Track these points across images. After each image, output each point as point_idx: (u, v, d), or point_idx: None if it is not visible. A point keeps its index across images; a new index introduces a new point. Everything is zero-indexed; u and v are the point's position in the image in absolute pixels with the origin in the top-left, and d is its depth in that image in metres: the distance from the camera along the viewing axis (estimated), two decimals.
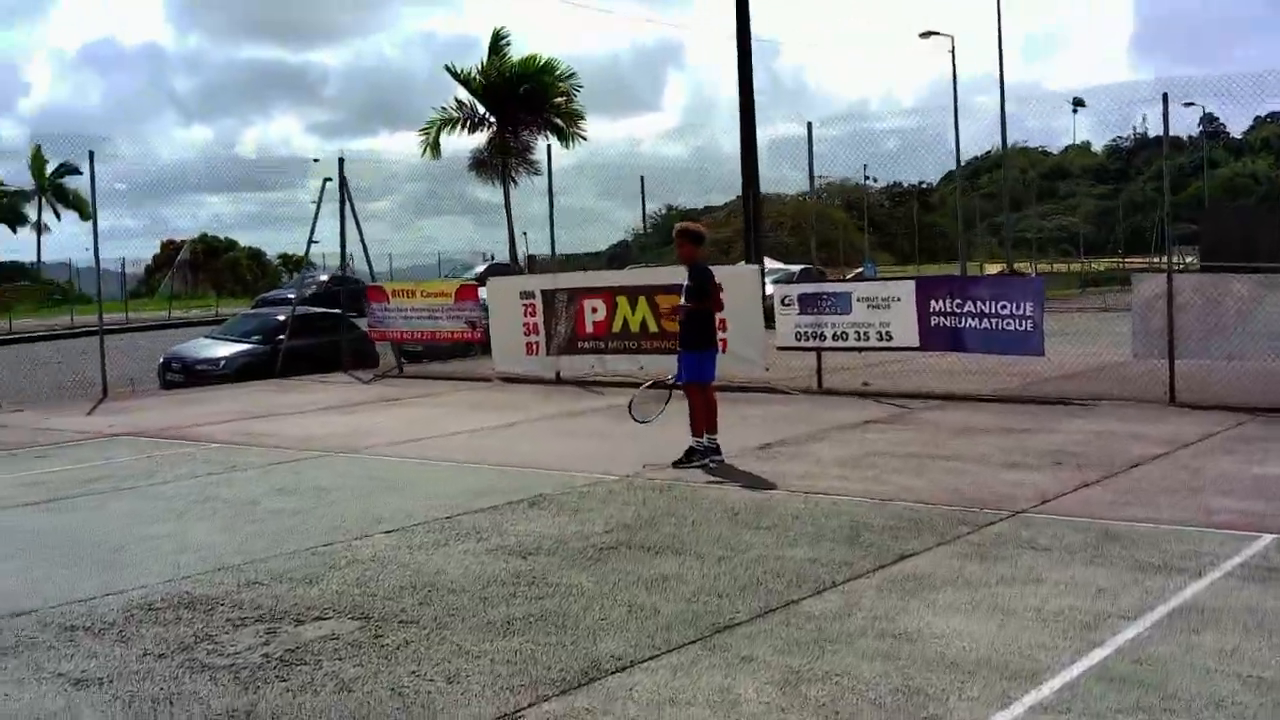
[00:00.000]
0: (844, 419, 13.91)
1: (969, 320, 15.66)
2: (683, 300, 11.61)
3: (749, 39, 30.86)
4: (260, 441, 13.43)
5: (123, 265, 49.37)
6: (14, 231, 73.40)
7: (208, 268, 75.41)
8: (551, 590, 7.10)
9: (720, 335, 17.23)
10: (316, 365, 22.33)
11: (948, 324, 15.84)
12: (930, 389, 16.17)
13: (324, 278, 45.00)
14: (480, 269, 39.11)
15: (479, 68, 34.46)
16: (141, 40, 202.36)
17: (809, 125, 17.41)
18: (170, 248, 77.91)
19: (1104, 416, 13.56)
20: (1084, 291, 42.68)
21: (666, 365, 17.94)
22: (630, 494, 9.93)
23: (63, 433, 14.71)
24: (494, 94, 34.18)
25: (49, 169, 70.98)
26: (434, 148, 34.57)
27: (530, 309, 19.11)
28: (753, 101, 31.35)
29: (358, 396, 18.10)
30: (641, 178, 23.79)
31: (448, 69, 34.15)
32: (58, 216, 73.84)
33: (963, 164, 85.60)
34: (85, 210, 70.88)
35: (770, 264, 53.00)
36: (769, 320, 17.51)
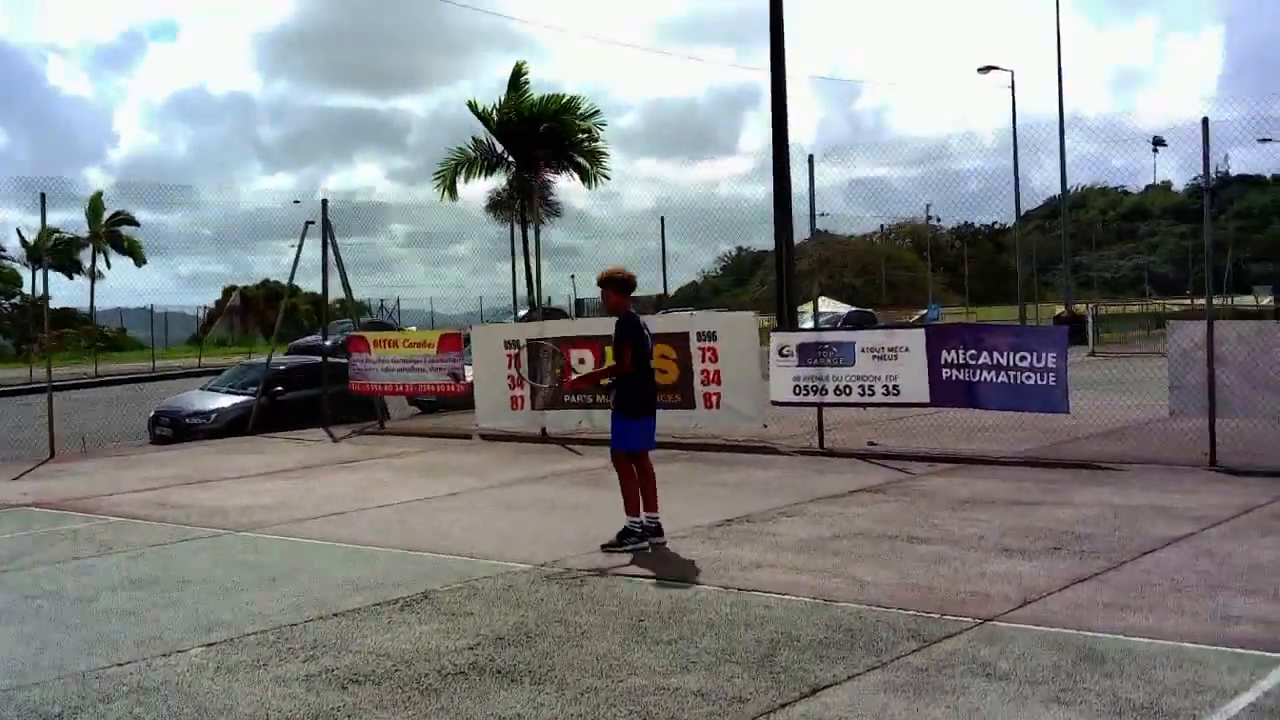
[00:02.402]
0: (831, 487, 12.21)
1: (984, 373, 13.91)
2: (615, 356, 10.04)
3: (783, 75, 29.43)
4: (166, 516, 11.99)
5: (150, 312, 48.55)
6: (70, 278, 73.20)
7: (266, 314, 75.03)
8: None
9: (714, 388, 15.83)
10: (308, 419, 21.02)
11: (962, 377, 14.10)
12: (943, 449, 14.44)
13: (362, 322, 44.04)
14: (522, 313, 37.74)
15: (497, 105, 33.18)
16: (230, 89, 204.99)
17: (810, 159, 15.79)
18: (230, 295, 77.76)
19: (1129, 484, 11.75)
20: (1149, 334, 40.42)
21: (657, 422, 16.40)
22: (531, 590, 8.33)
23: None
24: (513, 132, 32.79)
25: (104, 217, 70.76)
26: (450, 189, 33.23)
27: (514, 360, 17.61)
28: (786, 136, 29.86)
29: (317, 457, 16.65)
30: (661, 218, 21.94)
31: (470, 105, 32.90)
32: (108, 264, 73.57)
33: (1041, 203, 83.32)
34: (140, 257, 71.00)
35: (820, 306, 51.39)
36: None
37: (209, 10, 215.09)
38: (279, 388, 22.18)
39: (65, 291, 75.58)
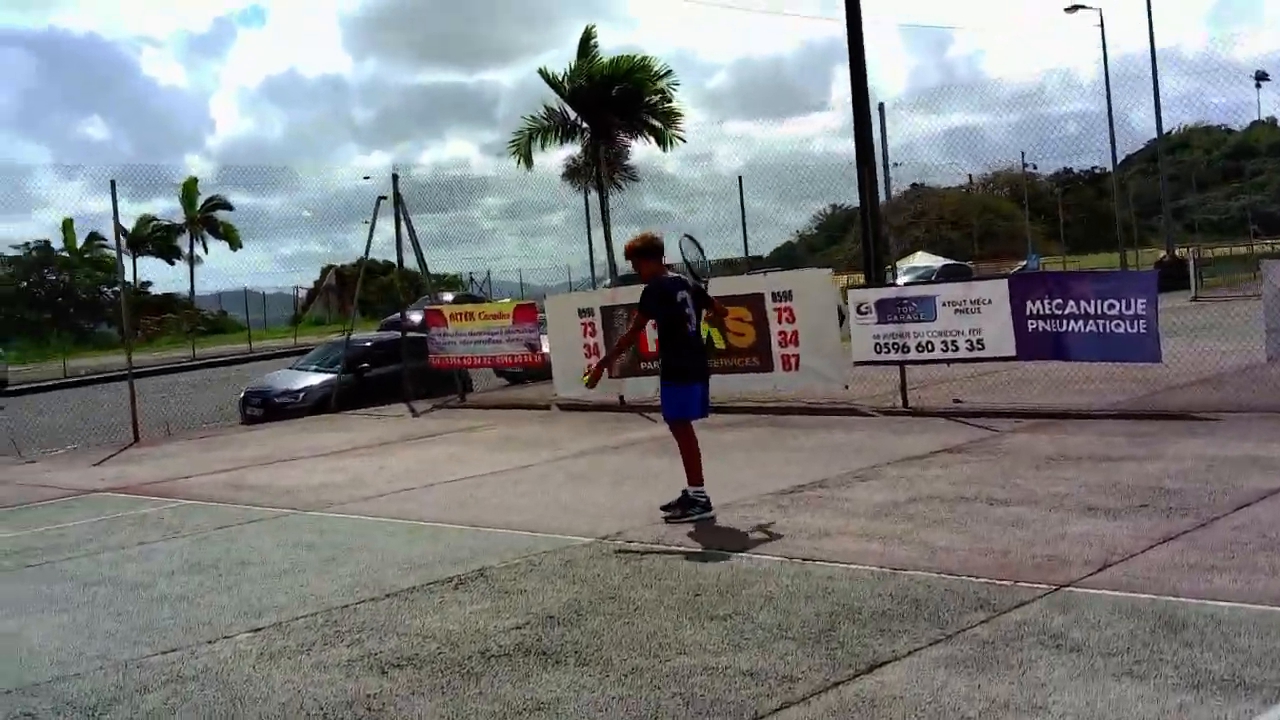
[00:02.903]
0: (911, 448, 11.81)
1: (1072, 323, 13.36)
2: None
3: (859, 20, 28.63)
4: (238, 497, 11.98)
5: (245, 294, 49.20)
6: (170, 264, 74.61)
7: (362, 291, 75.68)
8: None
9: (792, 350, 15.46)
10: (394, 394, 21.01)
11: (1048, 328, 13.57)
12: (1030, 404, 13.93)
13: (448, 298, 44.06)
14: (607, 282, 37.52)
15: (568, 71, 32.86)
16: (321, 71, 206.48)
17: (880, 109, 15.36)
18: (327, 274, 78.63)
19: (1225, 435, 11.19)
20: (1255, 276, 39.04)
21: (735, 387, 16.12)
22: (589, 565, 8.09)
23: (46, 490, 13.56)
24: (585, 98, 32.45)
25: (199, 202, 71.90)
26: (526, 159, 33.01)
27: (589, 328, 17.38)
28: (865, 86, 29.07)
29: (395, 433, 16.59)
30: (739, 178, 21.69)
31: (540, 72, 32.67)
32: (205, 249, 74.84)
33: (1142, 146, 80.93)
34: (235, 240, 72.11)
35: (916, 261, 50.46)
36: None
37: None
38: (365, 364, 22.23)
39: (165, 277, 76.99)
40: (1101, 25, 46.74)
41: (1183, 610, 6.17)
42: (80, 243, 69.34)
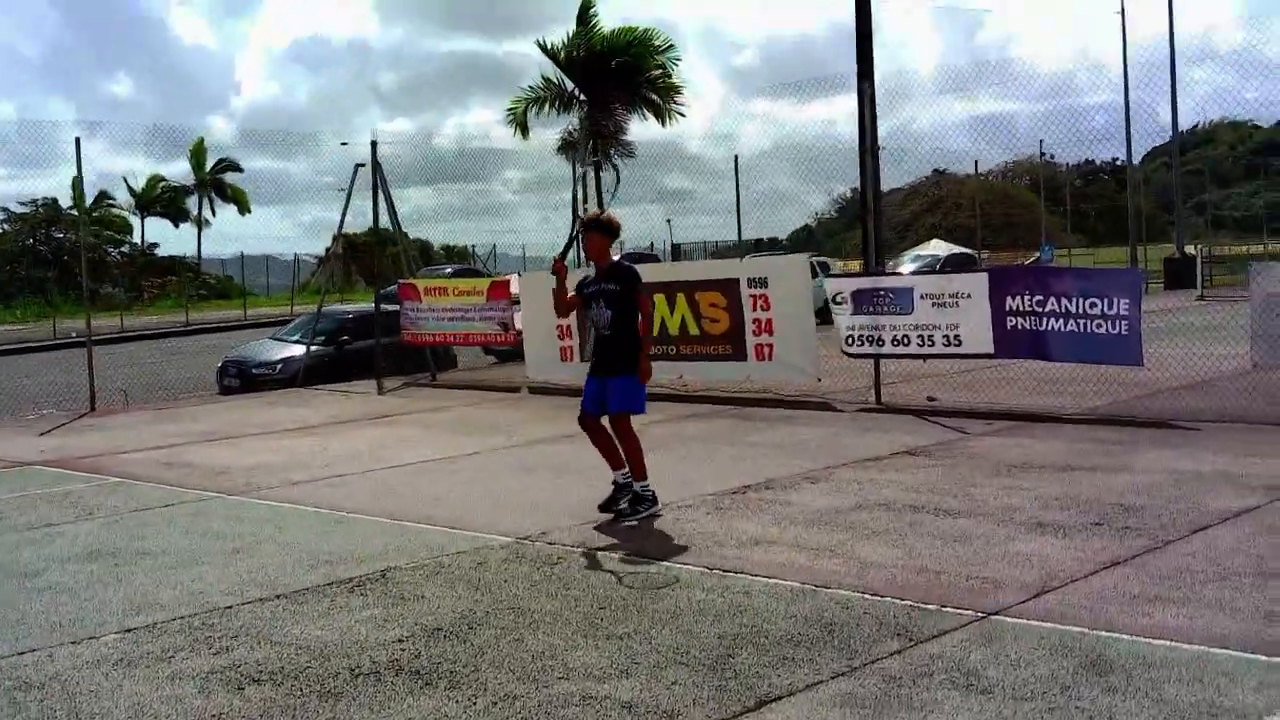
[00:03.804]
0: (874, 448, 11.29)
1: (1052, 321, 12.82)
2: (595, 307, 9.14)
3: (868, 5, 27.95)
4: (165, 477, 11.51)
5: (242, 260, 48.72)
6: (176, 226, 74.08)
7: (370, 261, 75.07)
8: None
9: (766, 339, 14.93)
10: (367, 370, 20.51)
11: (1028, 326, 13.03)
12: (1006, 405, 13.41)
13: (449, 270, 43.55)
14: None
15: (564, 41, 32.24)
16: (348, 35, 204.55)
17: (868, 92, 14.72)
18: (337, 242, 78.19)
19: (1201, 446, 10.65)
20: None
21: (708, 375, 15.64)
22: (501, 569, 7.60)
23: None
24: (583, 69, 31.80)
25: (208, 165, 71.36)
26: (522, 128, 32.43)
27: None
28: (870, 50, 28.41)
29: (354, 411, 16.11)
30: (735, 156, 21.20)
31: (537, 43, 32.17)
32: (213, 212, 74.23)
33: (1168, 138, 79.76)
34: (244, 204, 71.66)
35: (930, 249, 49.67)
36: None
37: None
38: (345, 337, 21.82)
39: (172, 238, 76.54)
40: (1122, 13, 45.99)
41: (1113, 648, 5.67)
42: (89, 202, 68.92)
